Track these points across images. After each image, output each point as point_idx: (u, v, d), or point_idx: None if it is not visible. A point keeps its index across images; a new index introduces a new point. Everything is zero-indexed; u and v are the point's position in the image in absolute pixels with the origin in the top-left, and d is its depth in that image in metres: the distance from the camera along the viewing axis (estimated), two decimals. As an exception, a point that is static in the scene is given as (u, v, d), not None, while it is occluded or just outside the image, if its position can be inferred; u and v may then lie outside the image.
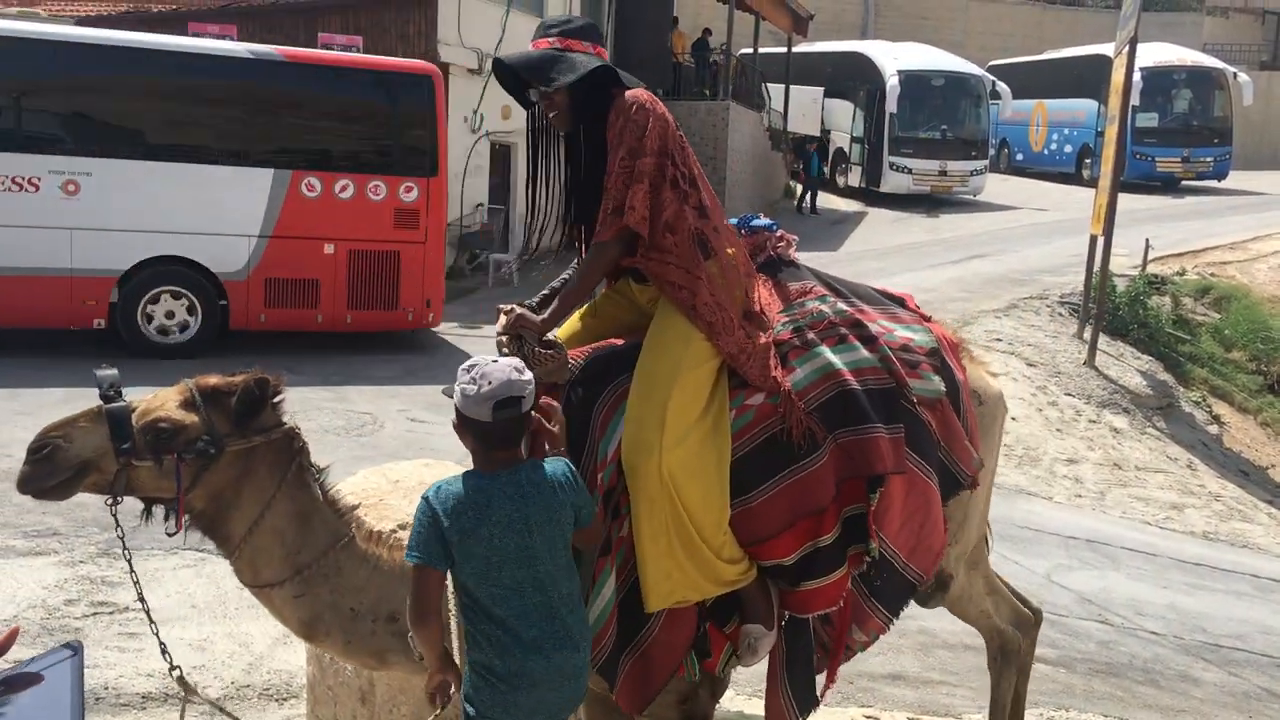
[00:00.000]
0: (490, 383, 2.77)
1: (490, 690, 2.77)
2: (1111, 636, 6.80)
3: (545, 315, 3.21)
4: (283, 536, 3.13)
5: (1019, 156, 31.55)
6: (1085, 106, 28.10)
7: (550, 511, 2.80)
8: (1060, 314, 15.09)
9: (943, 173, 25.42)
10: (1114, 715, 5.62)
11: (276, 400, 3.14)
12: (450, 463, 4.81)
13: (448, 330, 13.41)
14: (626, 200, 3.09)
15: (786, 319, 3.35)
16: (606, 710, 3.30)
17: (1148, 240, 16.80)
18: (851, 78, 27.30)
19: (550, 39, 3.19)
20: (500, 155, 18.10)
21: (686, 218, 3.15)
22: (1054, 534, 8.85)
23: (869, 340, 3.34)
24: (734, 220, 3.58)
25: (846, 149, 27.27)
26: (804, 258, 3.73)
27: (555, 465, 2.89)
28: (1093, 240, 13.93)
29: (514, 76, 3.27)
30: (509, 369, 2.81)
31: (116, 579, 5.89)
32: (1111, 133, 14.04)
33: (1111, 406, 12.66)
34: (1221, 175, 27.63)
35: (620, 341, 3.33)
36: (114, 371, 2.99)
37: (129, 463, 2.94)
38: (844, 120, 27.41)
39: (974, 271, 17.30)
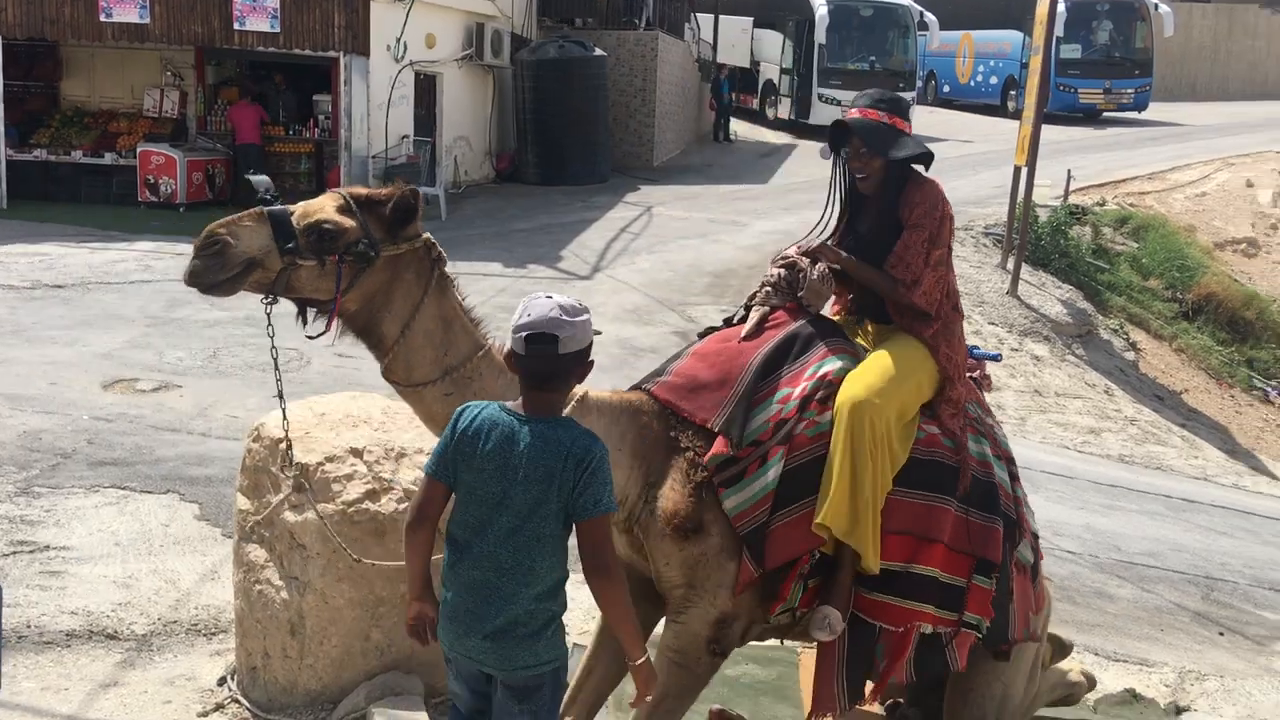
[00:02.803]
0: (529, 315, 2.74)
1: (439, 617, 2.85)
2: (1030, 556, 7.00)
3: (845, 256, 3.75)
4: (432, 338, 3.26)
5: (946, 88, 31.67)
6: (1010, 38, 28.23)
7: (545, 472, 2.70)
8: (985, 245, 15.30)
9: (871, 104, 25.39)
10: (1032, 631, 5.80)
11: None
12: (378, 395, 4.76)
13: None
14: (932, 294, 3.65)
15: (976, 408, 3.84)
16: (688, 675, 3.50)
17: (1069, 171, 17.03)
18: (780, 7, 27.06)
19: (880, 111, 3.71)
20: (425, 86, 17.72)
21: (947, 307, 3.74)
22: (976, 459, 9.04)
23: (1014, 477, 3.82)
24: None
25: (776, 80, 27.14)
26: (731, 190, 3.83)
27: (582, 439, 2.76)
28: (1016, 171, 14.08)
29: (838, 132, 3.77)
30: (555, 306, 2.74)
31: (36, 518, 5.78)
32: (1036, 64, 14.13)
33: (1033, 335, 12.92)
34: (1142, 106, 28.01)
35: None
36: (266, 177, 3.09)
37: (293, 262, 3.03)
38: (773, 51, 27.24)
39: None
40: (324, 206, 3.12)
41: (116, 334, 9.77)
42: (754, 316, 3.69)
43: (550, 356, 2.73)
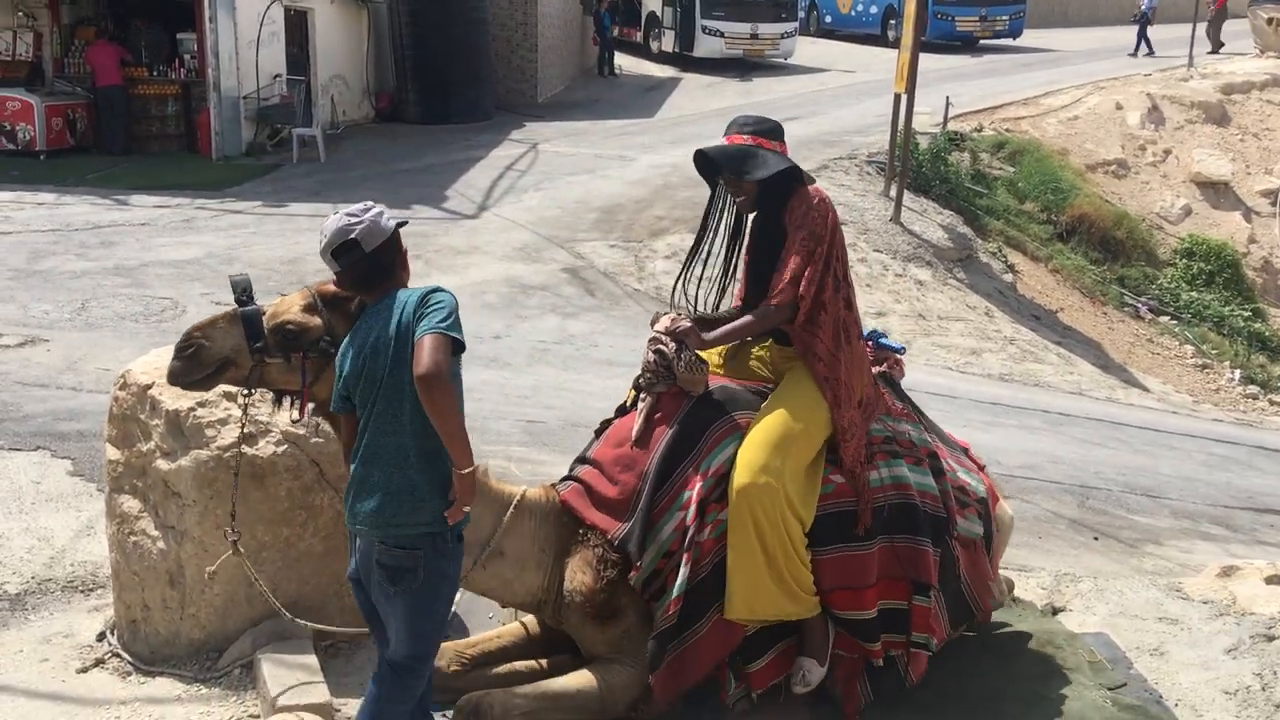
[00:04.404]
0: (325, 236, 2.99)
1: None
2: (915, 473, 7.18)
3: (710, 336, 3.82)
4: None
5: (828, 19, 31.79)
6: (890, -33, 28.42)
7: (390, 330, 2.93)
8: (868, 173, 15.48)
9: (754, 36, 25.38)
10: (917, 544, 5.96)
11: None
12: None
13: (250, 209, 12.81)
14: (804, 277, 3.72)
15: (882, 426, 3.92)
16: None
17: (948, 98, 17.29)
18: (661, -62, 26.77)
19: (745, 136, 3.83)
20: (295, 22, 17.11)
21: (838, 305, 3.79)
22: (863, 382, 9.21)
23: (939, 473, 3.95)
24: (865, 333, 4.10)
25: (659, 12, 26.90)
26: (618, 125, 3.86)
27: (419, 291, 2.96)
28: (896, 99, 14.23)
29: (708, 162, 3.90)
30: (341, 216, 2.99)
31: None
32: (913, -9, 14.24)
33: (916, 260, 13.15)
34: (1016, 33, 28.55)
35: (740, 384, 3.92)
36: (246, 276, 3.27)
37: (262, 360, 3.28)
38: (656, -17, 26.97)
39: (787, 134, 17.49)
40: (291, 306, 3.34)
41: (-24, 288, 9.32)
42: (641, 413, 3.82)
43: (361, 259, 2.98)
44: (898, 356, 4.23)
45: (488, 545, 3.60)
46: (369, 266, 2.98)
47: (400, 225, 3.10)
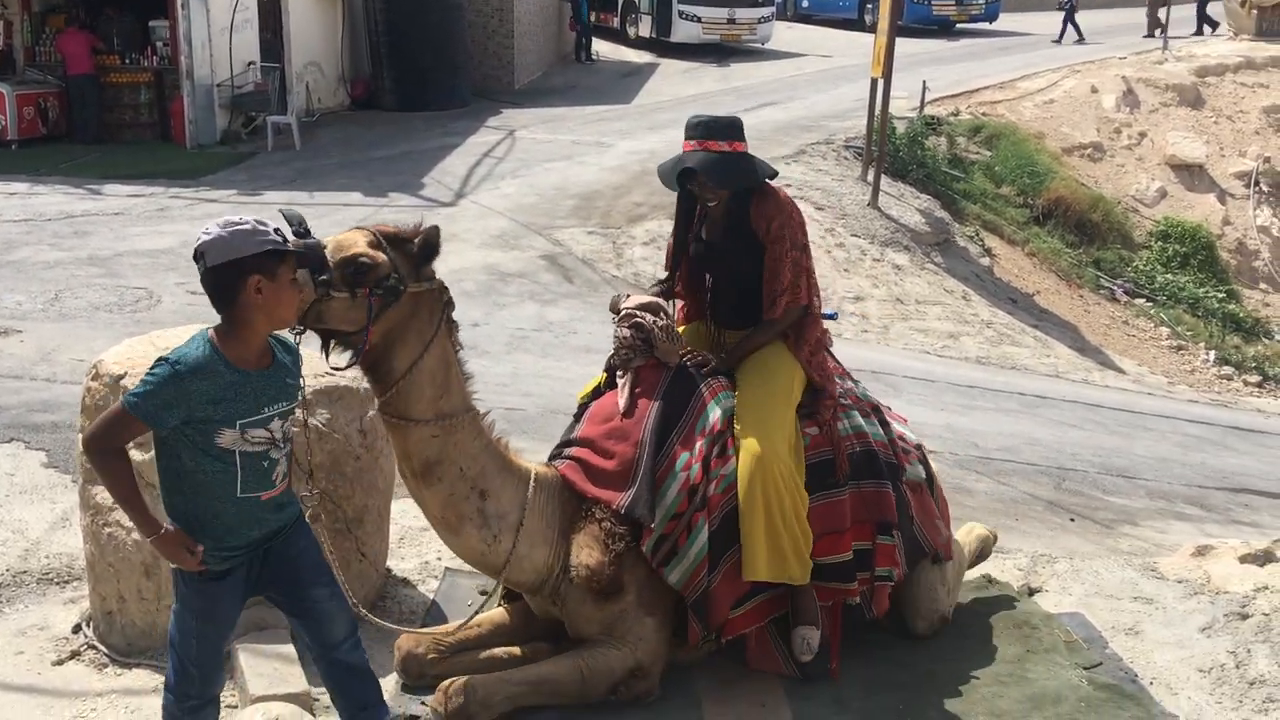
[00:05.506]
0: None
1: None
2: (893, 457, 7.20)
3: (734, 357, 4.02)
4: (435, 378, 3.45)
5: (804, 3, 31.77)
6: (866, -49, 28.39)
7: None
8: (846, 158, 15.49)
9: (731, 21, 25.34)
10: (895, 527, 5.99)
11: None
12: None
13: (225, 198, 12.71)
14: (799, 286, 3.93)
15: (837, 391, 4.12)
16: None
17: (925, 83, 17.31)
18: (637, -77, 26.67)
19: (719, 141, 3.88)
20: (269, 9, 16.97)
21: (813, 297, 4.04)
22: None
23: (884, 424, 4.17)
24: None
25: (636, -2, 26.85)
26: (595, 111, 3.90)
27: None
28: (873, 84, 14.24)
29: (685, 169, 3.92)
30: (214, 222, 2.79)
31: None
32: (889, -25, 14.23)
33: (894, 245, 13.18)
34: (993, 17, 28.62)
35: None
36: (298, 211, 3.08)
37: (327, 293, 3.11)
38: (632, -32, 26.88)
39: (764, 119, 17.47)
40: (356, 241, 3.24)
41: (-53, 280, 9.22)
42: (623, 388, 3.89)
43: (203, 272, 2.78)
44: (825, 325, 4.33)
45: (521, 522, 3.65)
46: (208, 283, 2.80)
47: (279, 255, 2.79)
